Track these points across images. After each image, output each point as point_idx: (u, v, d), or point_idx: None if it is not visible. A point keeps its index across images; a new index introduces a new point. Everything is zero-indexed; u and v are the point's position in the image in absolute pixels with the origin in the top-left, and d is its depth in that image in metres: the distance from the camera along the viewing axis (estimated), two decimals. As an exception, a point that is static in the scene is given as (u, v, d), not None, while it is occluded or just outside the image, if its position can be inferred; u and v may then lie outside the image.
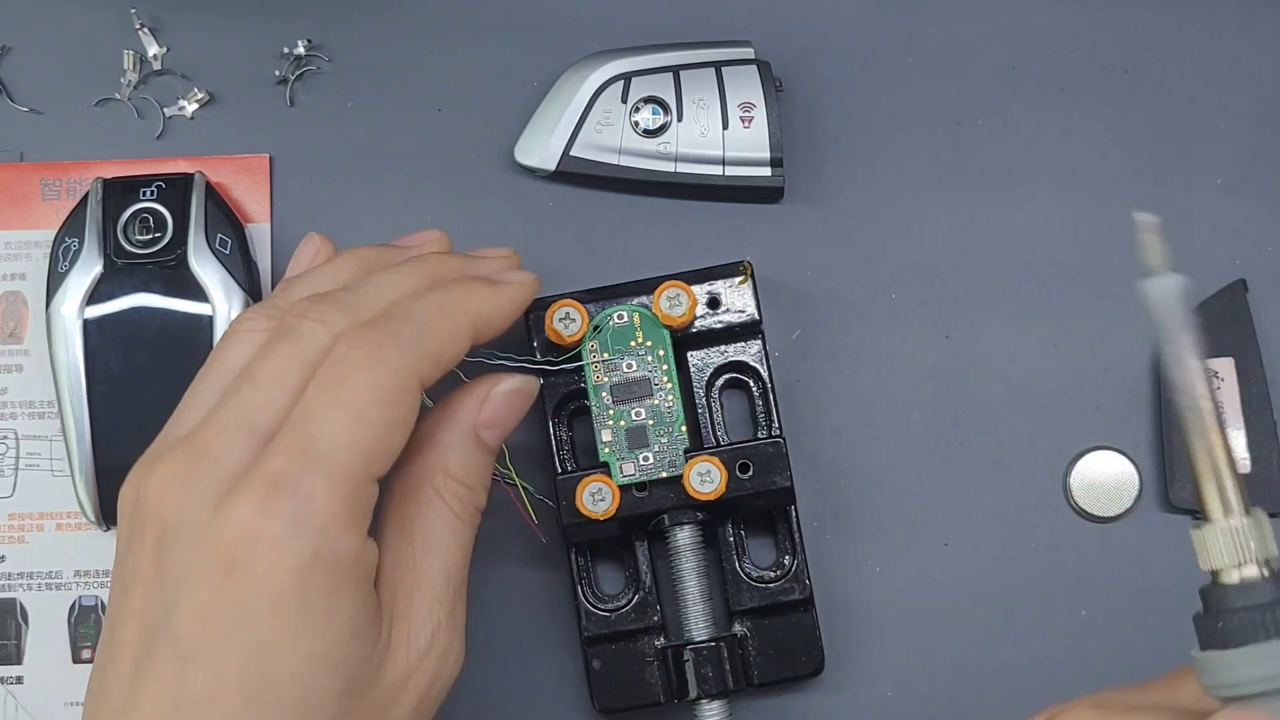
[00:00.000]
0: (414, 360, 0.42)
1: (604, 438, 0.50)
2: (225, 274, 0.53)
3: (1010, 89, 0.56)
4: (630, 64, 0.54)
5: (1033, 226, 0.55)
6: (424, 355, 0.43)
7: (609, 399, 0.50)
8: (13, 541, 0.54)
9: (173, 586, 0.40)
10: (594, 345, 0.50)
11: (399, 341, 0.42)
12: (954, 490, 0.53)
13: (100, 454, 0.52)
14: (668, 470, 0.49)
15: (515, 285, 0.47)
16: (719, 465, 0.49)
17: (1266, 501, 0.53)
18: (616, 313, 0.50)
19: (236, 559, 0.40)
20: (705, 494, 0.49)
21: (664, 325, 0.50)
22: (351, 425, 0.41)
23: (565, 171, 0.54)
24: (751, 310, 0.51)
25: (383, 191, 0.56)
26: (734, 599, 0.51)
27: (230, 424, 0.42)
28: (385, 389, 0.41)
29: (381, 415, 0.41)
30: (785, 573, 0.51)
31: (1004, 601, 0.52)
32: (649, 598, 0.51)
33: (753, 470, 0.49)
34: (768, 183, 0.54)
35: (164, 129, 0.56)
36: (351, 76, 0.56)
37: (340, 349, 0.42)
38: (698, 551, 0.50)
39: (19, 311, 0.55)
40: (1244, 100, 0.55)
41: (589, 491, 0.49)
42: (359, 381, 0.41)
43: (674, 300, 0.50)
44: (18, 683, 0.53)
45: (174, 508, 0.41)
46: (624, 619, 0.50)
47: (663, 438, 0.50)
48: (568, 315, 0.50)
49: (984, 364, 0.54)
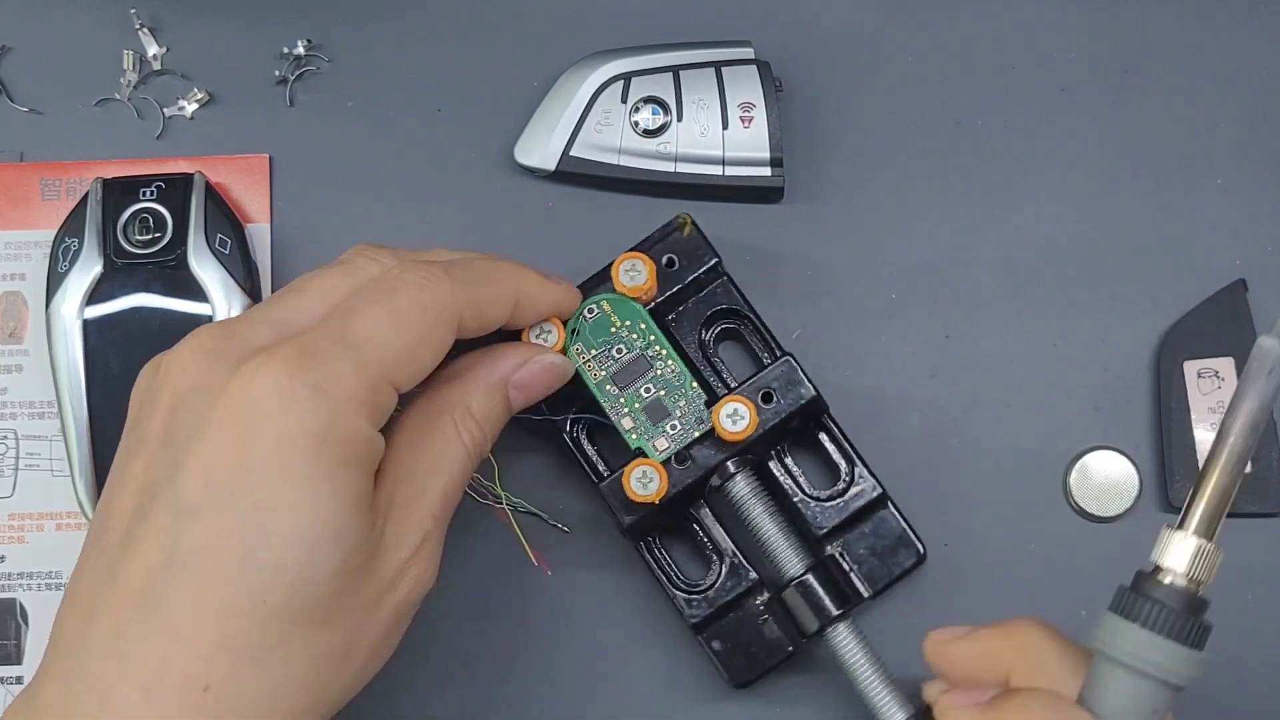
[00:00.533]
0: (462, 297, 0.44)
1: (625, 425, 0.50)
2: (225, 274, 0.53)
3: (1010, 89, 0.56)
4: (630, 64, 0.54)
5: (1033, 226, 0.55)
6: (469, 298, 0.44)
7: (614, 389, 0.50)
8: (13, 541, 0.54)
9: (180, 445, 0.41)
10: (578, 348, 0.50)
11: (451, 277, 0.44)
12: (954, 490, 0.53)
13: (100, 454, 0.52)
14: (697, 428, 0.50)
15: (565, 287, 0.49)
16: (744, 402, 0.49)
17: (1266, 501, 0.53)
18: (586, 308, 0.50)
19: (253, 416, 0.40)
20: (739, 433, 0.49)
21: (633, 299, 0.50)
22: (391, 327, 0.42)
23: (565, 171, 0.54)
24: (708, 256, 0.51)
25: (383, 191, 0.56)
26: (814, 524, 0.51)
27: (265, 318, 0.43)
28: (429, 308, 0.43)
29: (420, 328, 0.43)
30: (850, 480, 0.51)
31: (1004, 601, 0.52)
32: (735, 561, 0.51)
33: (776, 395, 0.50)
34: (768, 183, 0.54)
35: (164, 129, 0.56)
36: (351, 76, 0.56)
37: (394, 270, 0.44)
38: (760, 495, 0.50)
39: (19, 311, 0.55)
40: (1244, 100, 0.55)
41: (634, 477, 0.49)
42: (405, 295, 0.43)
43: (632, 271, 0.50)
44: (18, 683, 0.53)
45: (193, 374, 0.42)
46: (722, 592, 0.50)
47: (680, 402, 0.50)
48: (542, 329, 0.50)
49: (984, 364, 0.54)
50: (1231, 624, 0.52)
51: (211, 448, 0.40)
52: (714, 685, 0.51)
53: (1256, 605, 0.52)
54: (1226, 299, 0.54)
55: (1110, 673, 0.39)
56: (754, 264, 0.54)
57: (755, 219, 0.55)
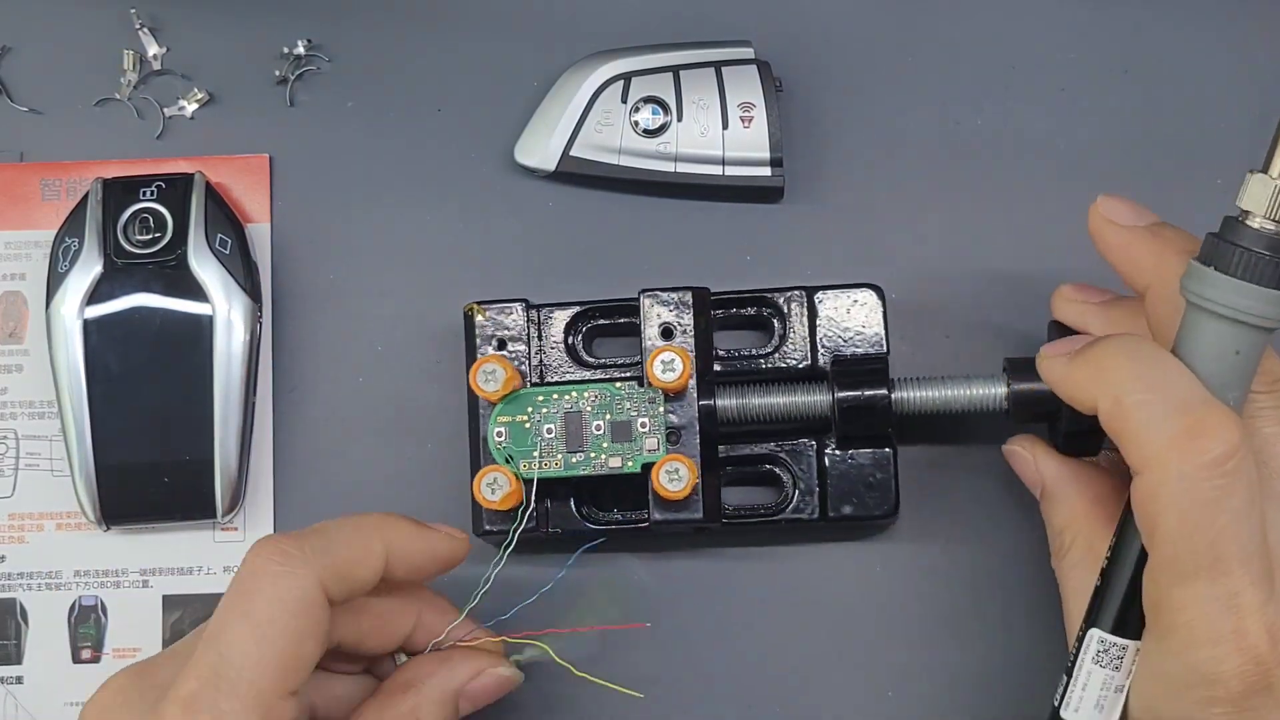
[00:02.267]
0: (318, 570, 0.43)
1: (614, 464, 0.49)
2: (225, 274, 0.53)
3: (1010, 89, 0.56)
4: (630, 64, 0.54)
5: (1032, 226, 0.55)
6: (329, 566, 0.43)
7: (580, 455, 0.49)
8: (13, 541, 0.54)
9: None
10: (527, 463, 0.49)
11: (304, 550, 0.43)
12: (954, 489, 0.53)
13: (100, 454, 0.52)
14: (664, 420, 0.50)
15: (442, 533, 0.47)
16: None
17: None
18: (494, 431, 0.49)
19: None
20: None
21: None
22: (258, 642, 0.42)
23: (565, 171, 0.54)
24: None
25: (383, 191, 0.56)
26: None
27: (171, 647, 0.45)
28: (289, 600, 0.42)
29: (287, 628, 0.42)
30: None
31: (1004, 601, 0.52)
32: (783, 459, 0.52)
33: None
34: (768, 183, 0.54)
35: (164, 129, 0.56)
36: (351, 76, 0.56)
37: (249, 559, 0.43)
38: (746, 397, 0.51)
39: (19, 311, 0.55)
40: (1244, 100, 0.55)
41: (664, 472, 0.49)
42: (261, 596, 0.42)
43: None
44: (18, 683, 0.53)
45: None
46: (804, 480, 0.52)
47: (627, 407, 0.50)
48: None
49: (984, 364, 0.54)
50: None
51: None
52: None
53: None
54: (1226, 298, 0.54)
55: (1194, 319, 0.41)
56: (754, 264, 0.55)
57: (755, 219, 0.55)
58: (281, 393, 0.54)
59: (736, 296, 0.52)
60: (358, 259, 0.55)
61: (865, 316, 0.51)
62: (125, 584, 0.54)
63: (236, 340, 0.52)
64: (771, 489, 0.53)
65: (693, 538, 0.53)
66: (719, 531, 0.51)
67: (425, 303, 0.54)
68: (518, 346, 0.51)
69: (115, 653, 0.53)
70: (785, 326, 0.52)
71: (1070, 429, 0.48)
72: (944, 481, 0.53)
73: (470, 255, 0.55)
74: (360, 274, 0.55)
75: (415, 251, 0.55)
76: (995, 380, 0.50)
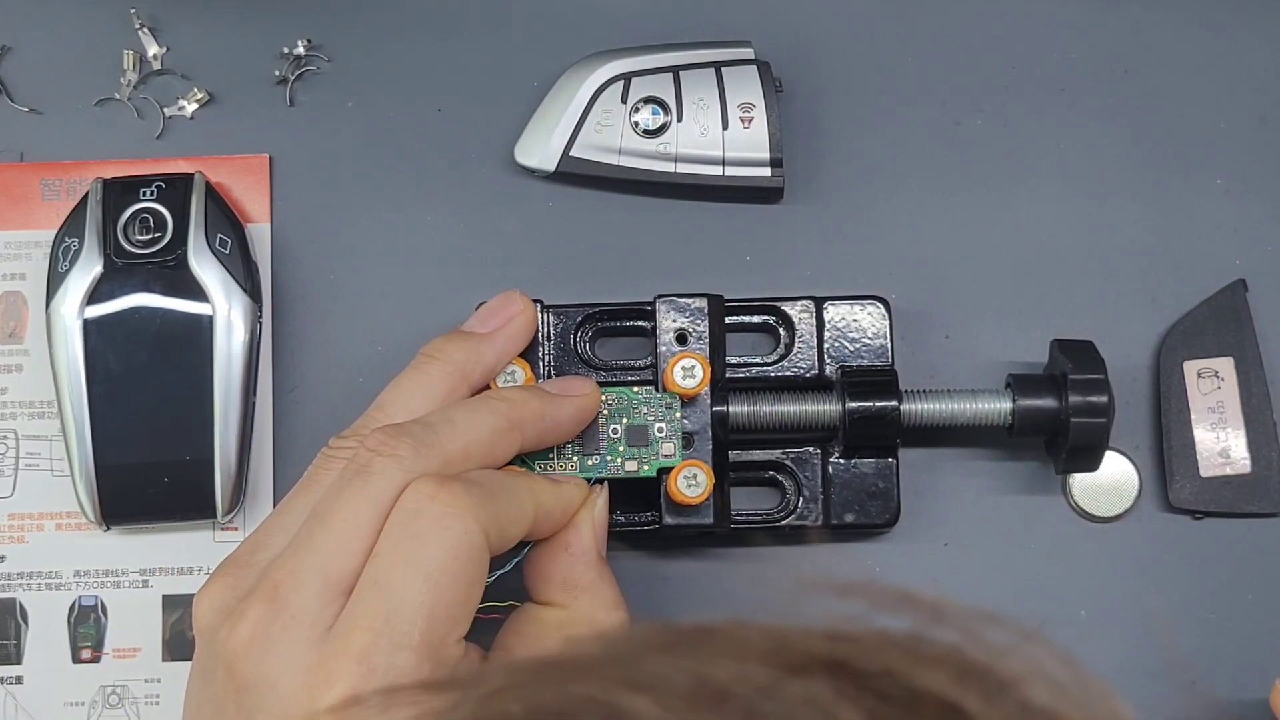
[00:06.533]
0: (486, 521, 0.42)
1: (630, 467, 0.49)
2: (225, 274, 0.53)
3: (1010, 89, 0.56)
4: (630, 64, 0.54)
5: (1032, 226, 0.55)
6: (493, 517, 0.42)
7: (597, 458, 0.49)
8: (13, 541, 0.54)
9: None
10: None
11: (473, 496, 0.42)
12: (954, 490, 0.53)
13: (100, 454, 0.52)
14: (681, 425, 0.50)
15: (575, 484, 0.47)
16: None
17: (1266, 502, 0.53)
18: None
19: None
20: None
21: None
22: (431, 591, 0.41)
23: (565, 172, 0.54)
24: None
25: (383, 191, 0.56)
26: None
27: (305, 575, 0.42)
28: (460, 549, 0.41)
29: (458, 578, 0.41)
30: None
31: (1004, 601, 0.52)
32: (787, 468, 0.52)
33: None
34: (768, 183, 0.54)
35: (164, 129, 0.56)
36: (351, 76, 0.56)
37: (411, 500, 0.42)
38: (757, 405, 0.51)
39: (19, 311, 0.55)
40: (1244, 100, 0.55)
41: (682, 477, 0.49)
42: (433, 543, 0.41)
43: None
44: (17, 683, 0.53)
45: (255, 666, 0.41)
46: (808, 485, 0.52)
47: (644, 412, 0.50)
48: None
49: (984, 364, 0.54)
50: (1231, 624, 0.53)
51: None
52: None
53: (1256, 605, 0.52)
54: (1226, 299, 0.54)
55: None
56: (754, 264, 0.55)
57: (755, 219, 0.55)
58: (281, 393, 0.54)
59: (744, 304, 0.52)
60: (358, 259, 0.55)
61: (872, 328, 0.52)
62: (125, 584, 0.54)
63: (236, 340, 0.52)
64: (772, 491, 0.53)
65: (695, 539, 0.53)
66: (722, 534, 0.51)
67: (425, 303, 0.54)
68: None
69: (115, 653, 0.53)
70: (793, 335, 0.52)
71: (1072, 446, 0.49)
72: (942, 485, 0.53)
73: (470, 255, 0.55)
74: (360, 274, 0.55)
75: (415, 252, 0.55)
76: (1000, 395, 0.50)
